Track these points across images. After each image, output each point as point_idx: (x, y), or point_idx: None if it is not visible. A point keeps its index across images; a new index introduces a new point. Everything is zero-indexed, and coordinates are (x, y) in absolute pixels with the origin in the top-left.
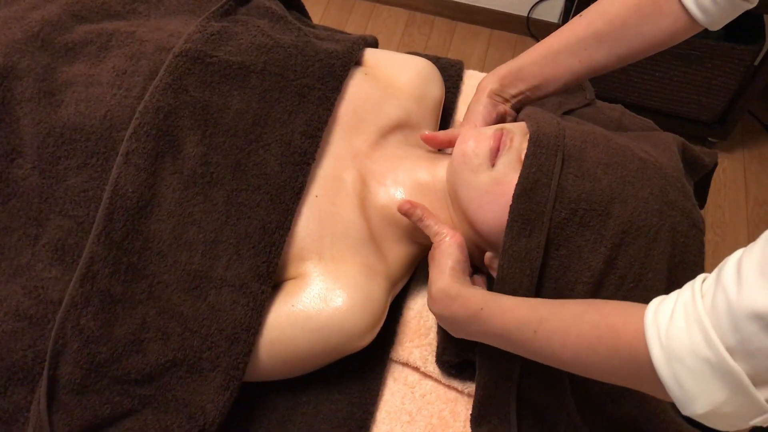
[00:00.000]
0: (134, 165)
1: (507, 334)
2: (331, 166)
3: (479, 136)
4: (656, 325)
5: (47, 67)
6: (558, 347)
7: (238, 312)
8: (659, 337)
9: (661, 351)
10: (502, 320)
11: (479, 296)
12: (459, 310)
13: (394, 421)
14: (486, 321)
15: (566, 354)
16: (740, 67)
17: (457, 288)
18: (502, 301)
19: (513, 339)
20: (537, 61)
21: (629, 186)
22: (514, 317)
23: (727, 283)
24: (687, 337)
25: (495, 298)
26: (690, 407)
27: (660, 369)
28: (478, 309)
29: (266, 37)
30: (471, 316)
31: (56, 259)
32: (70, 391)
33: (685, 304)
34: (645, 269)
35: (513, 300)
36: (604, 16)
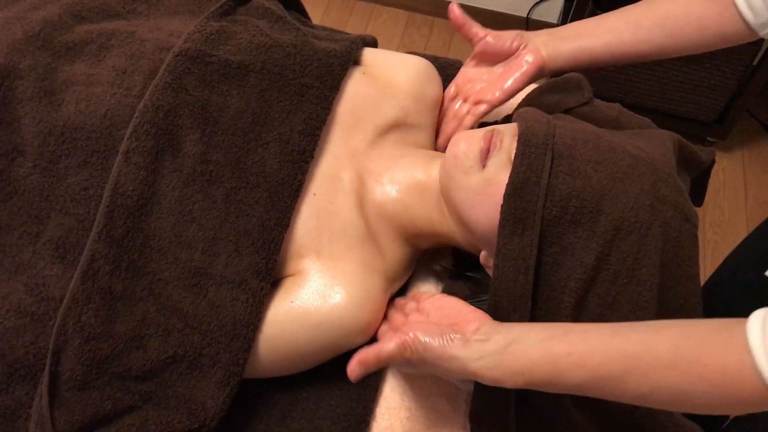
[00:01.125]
0: (134, 163)
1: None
2: (329, 164)
3: (470, 139)
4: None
5: (48, 67)
6: (670, 408)
7: (237, 308)
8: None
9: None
10: (604, 394)
11: (546, 384)
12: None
13: (393, 416)
14: (584, 393)
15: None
16: (739, 67)
17: (515, 382)
18: (583, 383)
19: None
20: (592, 18)
21: (620, 182)
22: (610, 395)
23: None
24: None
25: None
26: None
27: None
28: (571, 387)
29: (265, 36)
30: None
31: (57, 256)
32: (71, 387)
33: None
34: (638, 264)
35: (584, 345)
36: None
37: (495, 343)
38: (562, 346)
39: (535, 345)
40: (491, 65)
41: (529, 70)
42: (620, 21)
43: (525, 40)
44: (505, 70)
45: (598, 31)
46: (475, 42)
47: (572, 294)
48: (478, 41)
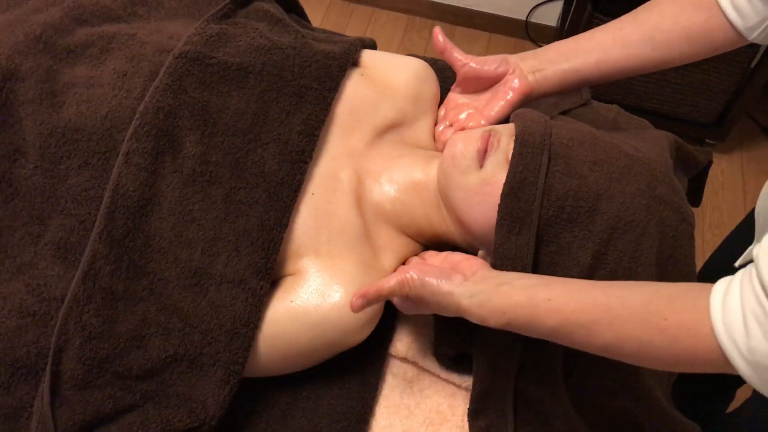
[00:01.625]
0: (135, 164)
1: (569, 345)
2: (328, 164)
3: (467, 138)
4: (732, 340)
5: (49, 69)
6: (636, 362)
7: (237, 307)
8: (741, 354)
9: (747, 366)
10: (570, 341)
11: (523, 325)
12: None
13: (393, 415)
14: (557, 339)
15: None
16: (737, 69)
17: (497, 320)
18: (562, 325)
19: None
20: (576, 37)
21: (616, 182)
22: (576, 343)
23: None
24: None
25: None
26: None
27: (751, 381)
28: (546, 331)
29: (264, 38)
30: (544, 335)
31: (58, 257)
32: (72, 386)
33: (755, 313)
34: (634, 263)
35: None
36: (648, 5)
37: (486, 283)
38: (545, 292)
39: (521, 289)
40: (477, 91)
41: (514, 99)
42: (608, 38)
43: (511, 65)
44: (490, 98)
45: (586, 50)
46: (458, 68)
47: None
48: (461, 67)
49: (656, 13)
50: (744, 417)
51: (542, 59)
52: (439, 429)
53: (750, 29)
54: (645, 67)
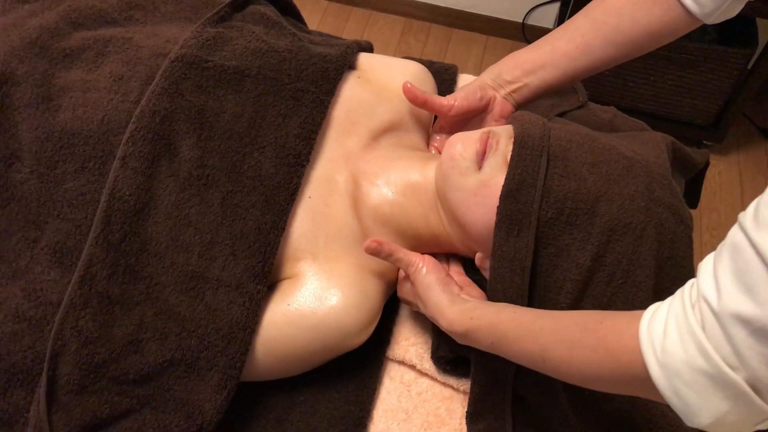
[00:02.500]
0: (131, 168)
1: (521, 361)
2: (325, 167)
3: (466, 140)
4: (651, 340)
5: (45, 73)
6: (566, 373)
7: (234, 312)
8: (655, 354)
9: (658, 367)
10: (512, 352)
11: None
12: (474, 344)
13: (390, 419)
14: (498, 351)
15: (575, 379)
16: (734, 71)
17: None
18: (507, 330)
19: (528, 365)
20: (535, 46)
21: (615, 184)
22: (522, 349)
23: (707, 293)
24: (682, 350)
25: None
26: (694, 420)
27: (660, 385)
28: (489, 344)
29: (261, 42)
30: (487, 348)
31: (55, 261)
32: (69, 391)
33: (676, 317)
34: (633, 266)
35: (516, 330)
36: (602, 5)
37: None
38: (506, 327)
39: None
40: (463, 124)
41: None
42: (571, 47)
43: (491, 90)
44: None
45: (553, 63)
46: (445, 113)
47: (568, 295)
48: (448, 111)
49: (613, 13)
50: None
51: (513, 79)
52: None
53: (708, 15)
54: (610, 65)
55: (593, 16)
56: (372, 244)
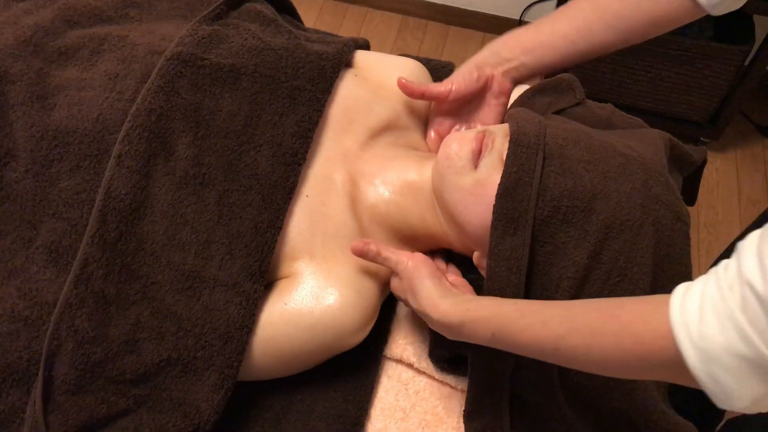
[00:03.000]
0: (127, 167)
1: (526, 351)
2: (322, 166)
3: (462, 139)
4: (685, 326)
5: (40, 72)
6: (583, 361)
7: (231, 311)
8: (691, 339)
9: (694, 352)
10: (517, 342)
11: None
12: (468, 336)
13: (388, 417)
14: (501, 344)
15: (592, 367)
16: (731, 68)
17: (458, 316)
18: (512, 321)
19: (534, 355)
20: (536, 26)
21: (611, 181)
22: (530, 338)
23: (751, 276)
24: (721, 335)
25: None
26: (728, 403)
27: (695, 370)
28: (489, 335)
29: (257, 39)
30: (483, 341)
31: (50, 261)
32: (65, 391)
33: (713, 300)
34: (630, 263)
35: (523, 316)
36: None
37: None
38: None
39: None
40: (463, 105)
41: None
42: (571, 29)
43: (487, 74)
44: (482, 107)
45: (552, 44)
46: (443, 99)
47: (565, 293)
48: (447, 96)
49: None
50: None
51: (512, 57)
52: (434, 431)
53: (714, 6)
54: (609, 51)
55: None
56: (358, 245)
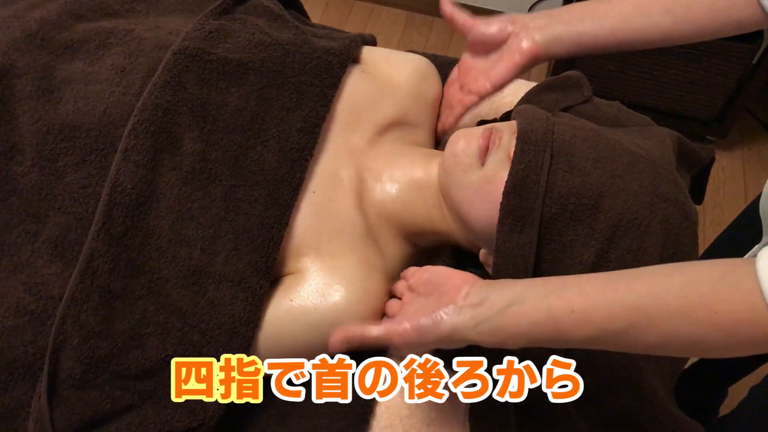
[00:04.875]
0: (133, 161)
1: (584, 344)
2: (329, 162)
3: (469, 136)
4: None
5: (46, 65)
6: (664, 350)
7: (237, 307)
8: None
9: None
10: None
11: (540, 327)
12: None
13: (393, 415)
14: (562, 341)
15: (667, 350)
16: (739, 66)
17: (517, 342)
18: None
19: (597, 345)
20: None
21: (619, 179)
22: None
23: None
24: None
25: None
26: None
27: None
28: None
29: (264, 34)
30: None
31: (56, 255)
32: (70, 386)
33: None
34: (637, 261)
35: (586, 301)
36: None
37: (491, 307)
38: (563, 304)
39: (534, 305)
40: (486, 53)
41: (520, 61)
42: (627, 6)
43: (519, 26)
44: (495, 60)
45: (604, 16)
46: (466, 31)
47: None
48: (469, 30)
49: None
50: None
51: (555, 20)
52: (440, 429)
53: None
54: (661, 41)
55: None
56: (337, 344)
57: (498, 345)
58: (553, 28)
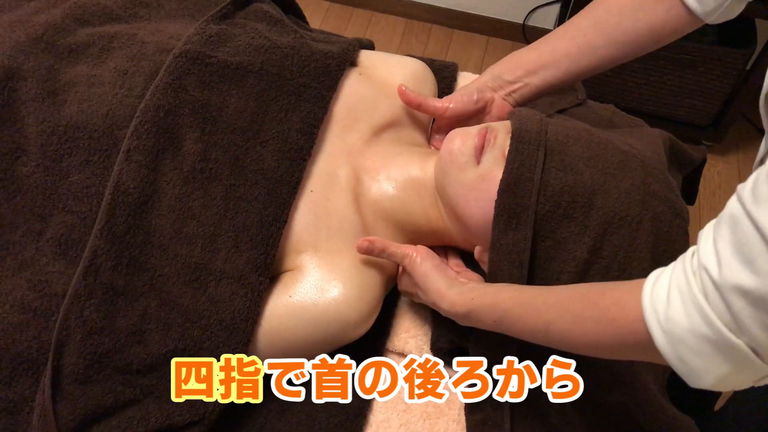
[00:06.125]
0: (135, 161)
1: (524, 336)
2: (326, 162)
3: (465, 135)
4: (654, 309)
5: (51, 68)
6: (571, 344)
7: (237, 303)
8: (659, 322)
9: (662, 335)
10: (515, 329)
11: (487, 307)
12: (477, 323)
13: (390, 409)
14: (501, 329)
15: (580, 349)
16: (733, 71)
17: (464, 306)
18: (509, 308)
19: (531, 339)
20: (536, 46)
21: (611, 178)
22: (526, 325)
23: (707, 263)
24: (686, 318)
25: (502, 305)
26: (697, 381)
27: (664, 352)
28: (491, 322)
29: (263, 38)
30: (487, 327)
31: (60, 253)
32: (73, 381)
33: (679, 286)
34: (629, 258)
35: (519, 305)
36: (603, 4)
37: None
38: (509, 305)
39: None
40: (461, 125)
41: (501, 116)
42: (572, 46)
43: (487, 97)
44: (475, 121)
45: (555, 63)
46: (440, 115)
47: None
48: (444, 113)
49: (615, 12)
50: (728, 415)
51: (514, 79)
52: (435, 422)
53: (708, 14)
54: (612, 65)
55: (595, 16)
56: (364, 243)
57: (450, 304)
58: (515, 89)
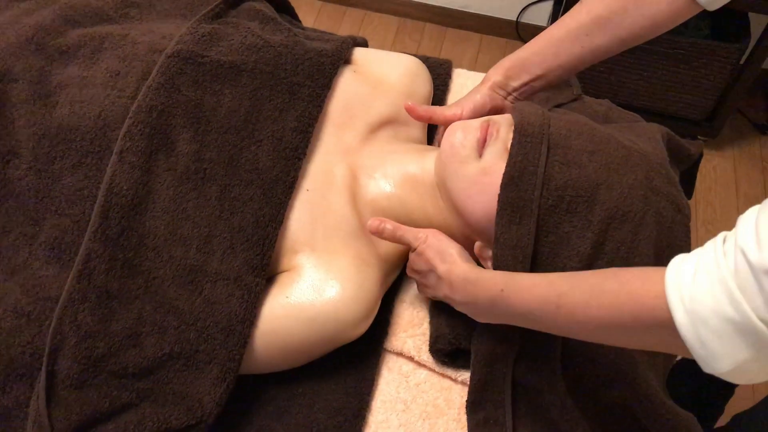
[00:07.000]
0: (128, 163)
1: (530, 312)
2: (322, 161)
3: (467, 128)
4: (678, 287)
5: (41, 70)
6: (582, 319)
7: (233, 305)
8: (682, 300)
9: (684, 313)
10: (523, 299)
11: (498, 277)
12: (481, 293)
13: (389, 410)
14: (507, 301)
15: (590, 326)
16: (727, 66)
17: (476, 272)
18: (520, 279)
19: (536, 316)
20: (540, 51)
21: (614, 172)
22: (535, 295)
23: (746, 244)
24: (711, 298)
25: (513, 277)
26: (714, 365)
27: (684, 331)
28: (498, 291)
29: (256, 37)
30: (493, 298)
31: (53, 257)
32: (68, 386)
33: (707, 266)
34: (632, 253)
35: (531, 277)
36: (603, 1)
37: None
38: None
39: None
40: None
41: None
42: (576, 47)
43: (497, 101)
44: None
45: (559, 66)
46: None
47: None
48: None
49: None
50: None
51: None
52: (435, 423)
53: (711, 2)
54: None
55: (596, 12)
56: (374, 222)
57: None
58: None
